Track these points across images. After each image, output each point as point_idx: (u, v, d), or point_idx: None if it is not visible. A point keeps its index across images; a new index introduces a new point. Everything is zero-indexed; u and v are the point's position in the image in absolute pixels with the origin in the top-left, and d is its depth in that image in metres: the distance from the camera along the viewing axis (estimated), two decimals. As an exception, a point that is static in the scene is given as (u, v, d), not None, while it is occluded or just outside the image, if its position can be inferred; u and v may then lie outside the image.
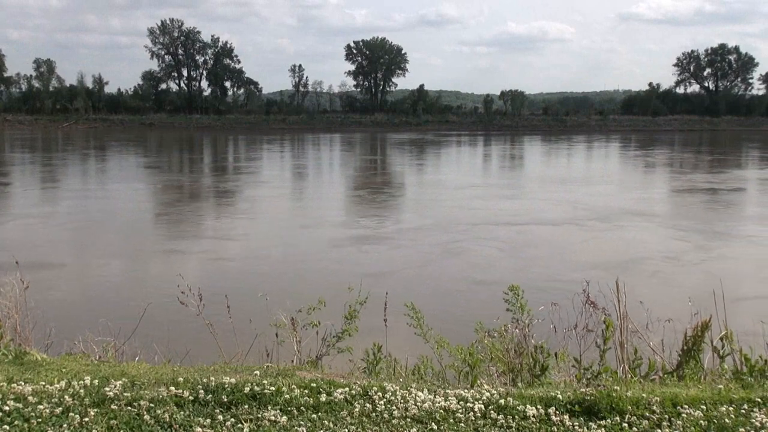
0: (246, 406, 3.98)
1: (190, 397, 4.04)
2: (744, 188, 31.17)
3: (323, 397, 4.12)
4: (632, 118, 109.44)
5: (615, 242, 18.26)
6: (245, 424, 3.76)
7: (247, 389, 4.13)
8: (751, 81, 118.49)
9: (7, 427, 3.60)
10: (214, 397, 4.06)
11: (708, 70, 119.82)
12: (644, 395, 4.21)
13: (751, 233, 19.92)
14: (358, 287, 5.58)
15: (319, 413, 3.95)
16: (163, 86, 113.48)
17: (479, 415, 4.02)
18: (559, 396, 4.23)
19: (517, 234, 19.22)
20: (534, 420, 3.97)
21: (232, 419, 3.81)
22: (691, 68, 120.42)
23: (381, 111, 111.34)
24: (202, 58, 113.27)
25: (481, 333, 5.44)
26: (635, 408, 4.08)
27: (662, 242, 18.19)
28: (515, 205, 25.63)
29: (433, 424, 3.88)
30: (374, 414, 3.98)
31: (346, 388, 4.27)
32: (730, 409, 4.12)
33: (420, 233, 19.23)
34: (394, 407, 4.07)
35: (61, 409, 3.81)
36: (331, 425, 3.82)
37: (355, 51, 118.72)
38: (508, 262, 15.82)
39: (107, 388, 4.08)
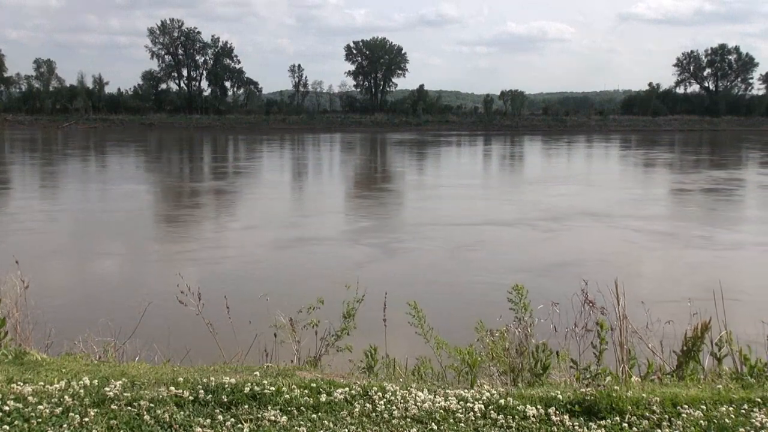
0: (246, 406, 3.98)
1: (190, 397, 4.04)
2: (712, 189, 31.03)
3: (323, 397, 4.12)
4: (632, 118, 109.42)
5: (556, 244, 18.18)
6: (245, 424, 3.76)
7: (247, 389, 4.13)
8: (751, 81, 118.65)
9: (7, 427, 3.60)
10: (214, 397, 4.06)
11: (708, 70, 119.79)
12: (644, 395, 4.21)
13: (698, 234, 19.68)
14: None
15: (319, 413, 3.95)
16: (163, 86, 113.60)
17: (479, 415, 4.03)
18: (559, 396, 4.24)
19: (465, 235, 19.21)
20: (534, 420, 3.97)
21: (232, 419, 3.81)
22: (691, 68, 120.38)
23: (381, 111, 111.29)
24: (202, 58, 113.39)
25: (482, 332, 5.44)
26: (635, 408, 4.08)
27: (603, 244, 18.09)
28: (477, 205, 25.80)
29: (433, 424, 3.89)
30: (374, 414, 3.98)
31: (346, 388, 4.27)
32: (730, 409, 4.12)
33: (366, 234, 19.40)
34: (394, 407, 4.07)
35: (61, 409, 3.81)
36: (331, 425, 3.82)
37: (355, 51, 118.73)
38: (444, 262, 15.76)
39: (107, 388, 4.08)
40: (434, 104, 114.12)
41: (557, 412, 4.05)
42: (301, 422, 3.81)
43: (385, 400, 4.15)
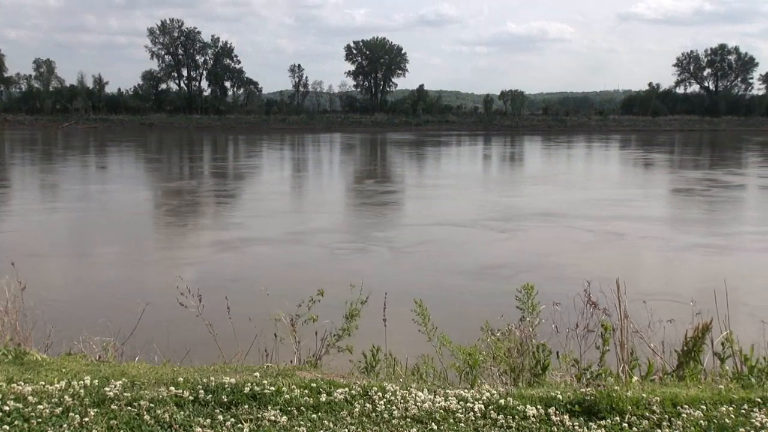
0: (246, 406, 3.98)
1: (190, 397, 4.04)
2: (682, 189, 30.83)
3: (323, 397, 4.12)
4: (632, 118, 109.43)
5: (497, 245, 17.97)
6: (245, 424, 3.76)
7: (247, 389, 4.13)
8: (751, 81, 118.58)
9: (7, 427, 3.60)
10: (214, 397, 4.06)
11: (708, 70, 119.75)
12: (644, 395, 4.21)
13: (647, 235, 19.12)
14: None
15: (319, 413, 3.95)
16: (163, 86, 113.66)
17: (479, 415, 4.02)
18: (559, 396, 4.23)
19: (413, 235, 19.03)
20: (534, 420, 3.97)
21: (232, 419, 3.81)
22: (691, 68, 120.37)
23: (381, 111, 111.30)
24: (202, 58, 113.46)
25: (485, 332, 5.44)
26: (635, 408, 4.08)
27: (544, 245, 17.73)
28: (436, 206, 25.76)
29: (433, 424, 3.88)
30: (374, 414, 3.98)
31: (346, 388, 4.27)
32: (730, 409, 4.12)
33: (315, 235, 19.36)
34: (394, 407, 4.07)
35: (61, 409, 3.81)
36: (331, 425, 3.82)
37: (354, 51, 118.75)
38: (380, 265, 15.56)
39: (107, 388, 4.08)
40: (434, 104, 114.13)
41: (557, 412, 4.05)
42: (301, 422, 3.81)
43: (385, 400, 4.15)
